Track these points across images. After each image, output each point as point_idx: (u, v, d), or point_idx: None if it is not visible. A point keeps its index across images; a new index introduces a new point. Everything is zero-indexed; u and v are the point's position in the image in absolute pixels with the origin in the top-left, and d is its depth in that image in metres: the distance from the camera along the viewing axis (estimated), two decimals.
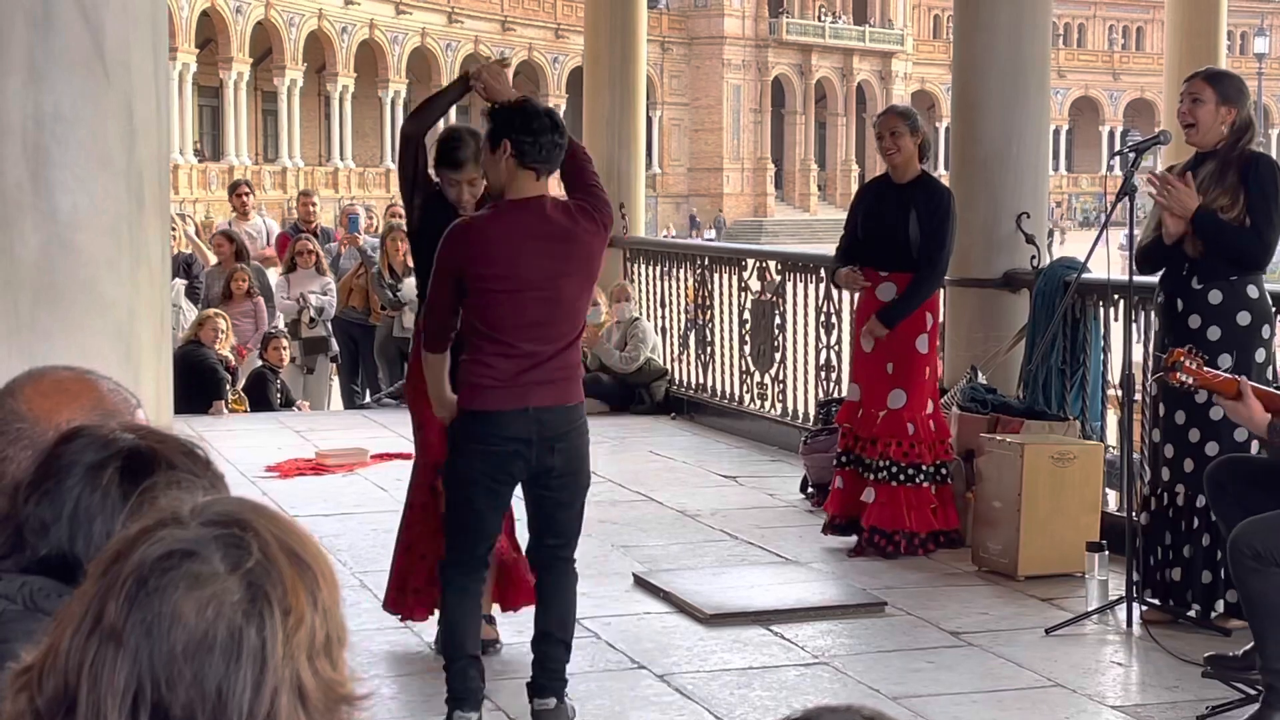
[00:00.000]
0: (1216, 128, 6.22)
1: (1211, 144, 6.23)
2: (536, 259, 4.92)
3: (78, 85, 4.00)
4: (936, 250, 7.42)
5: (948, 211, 7.47)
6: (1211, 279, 6.18)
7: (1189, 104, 6.25)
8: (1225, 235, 6.11)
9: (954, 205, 7.54)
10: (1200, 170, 6.21)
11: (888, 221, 7.49)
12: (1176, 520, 6.32)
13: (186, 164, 47.46)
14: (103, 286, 4.02)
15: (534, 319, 4.95)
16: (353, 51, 56.50)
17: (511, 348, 4.94)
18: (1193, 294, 6.21)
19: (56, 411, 2.18)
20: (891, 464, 7.45)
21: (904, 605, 6.66)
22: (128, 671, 1.36)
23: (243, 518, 1.44)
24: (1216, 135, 6.22)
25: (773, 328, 10.63)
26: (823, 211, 71.53)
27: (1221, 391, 5.28)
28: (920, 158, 7.57)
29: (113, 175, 4.04)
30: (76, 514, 1.93)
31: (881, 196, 7.63)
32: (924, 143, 7.60)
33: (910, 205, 7.44)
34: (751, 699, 5.52)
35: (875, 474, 7.48)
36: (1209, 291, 6.19)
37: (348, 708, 1.44)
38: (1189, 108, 6.25)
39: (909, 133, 7.55)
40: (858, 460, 7.60)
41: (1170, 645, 5.96)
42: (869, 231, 7.58)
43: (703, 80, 69.80)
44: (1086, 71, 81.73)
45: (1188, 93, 6.28)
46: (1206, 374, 5.30)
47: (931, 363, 7.63)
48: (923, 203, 7.44)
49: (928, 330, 7.53)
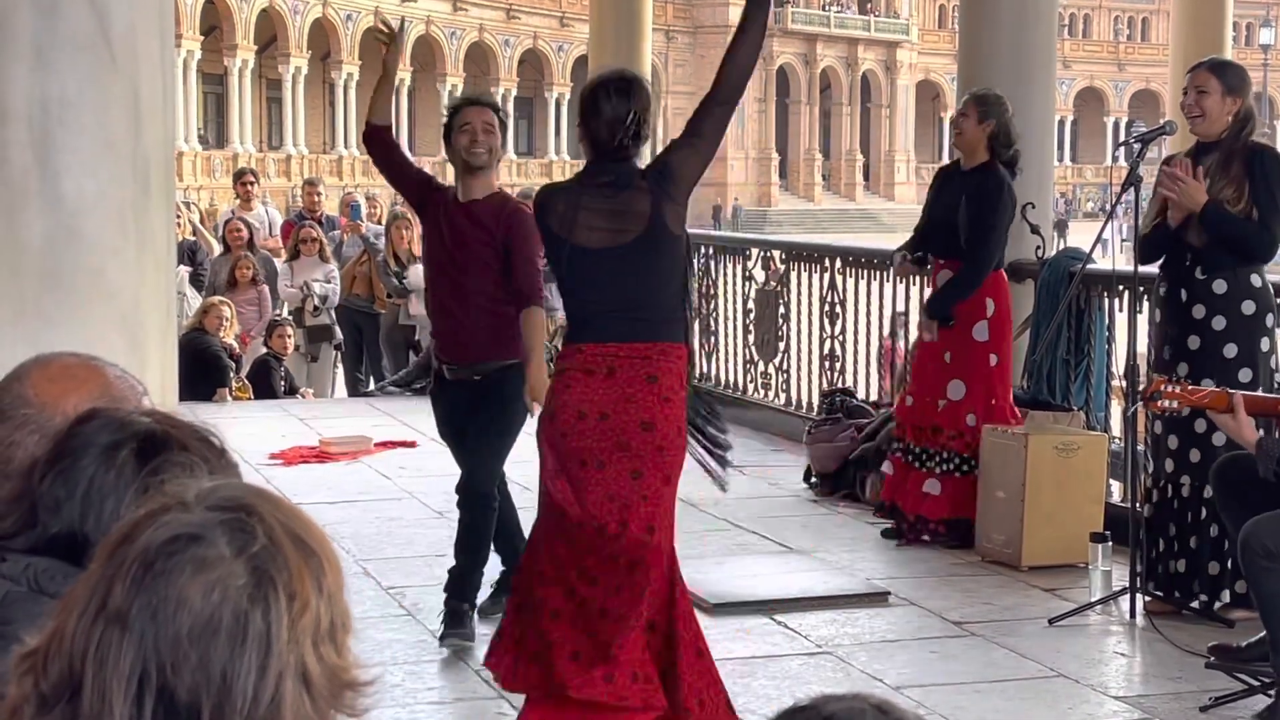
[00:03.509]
0: (1222, 118, 6.21)
1: (1216, 134, 6.22)
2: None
3: (84, 70, 4.00)
4: (980, 240, 7.28)
5: (996, 201, 7.29)
6: (1216, 269, 6.17)
7: (1195, 95, 6.24)
8: (1233, 229, 6.10)
9: (1007, 195, 7.34)
10: (1204, 160, 6.21)
11: (945, 207, 7.41)
12: (1182, 511, 6.31)
13: (191, 151, 47.46)
14: (108, 273, 4.02)
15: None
16: (357, 39, 56.45)
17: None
18: (1197, 284, 6.21)
19: (64, 397, 2.19)
20: (954, 455, 7.41)
21: (908, 595, 6.66)
22: (133, 655, 1.36)
23: (248, 503, 1.45)
24: (1221, 125, 6.22)
25: (777, 317, 10.62)
26: (827, 201, 71.47)
27: (1213, 407, 5.30)
28: (991, 147, 7.36)
29: (118, 160, 4.04)
30: (89, 492, 1.94)
31: (946, 182, 7.55)
32: (995, 131, 7.34)
33: (964, 193, 7.34)
34: (755, 688, 5.52)
35: (940, 465, 7.44)
36: (1213, 281, 6.18)
37: (352, 693, 1.45)
38: (1195, 99, 6.24)
39: (977, 118, 7.37)
40: (907, 449, 7.56)
41: (1173, 636, 5.96)
42: (931, 217, 7.53)
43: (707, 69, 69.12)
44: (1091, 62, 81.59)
45: (1193, 84, 6.27)
46: (1192, 394, 5.32)
47: (998, 350, 7.43)
48: (973, 191, 7.32)
49: (988, 318, 7.37)
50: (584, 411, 4.73)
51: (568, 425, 4.74)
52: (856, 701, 1.23)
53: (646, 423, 4.73)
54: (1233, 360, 6.15)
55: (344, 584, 1.47)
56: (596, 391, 4.73)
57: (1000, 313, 7.45)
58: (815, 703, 1.24)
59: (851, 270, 9.78)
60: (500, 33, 61.39)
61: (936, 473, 7.43)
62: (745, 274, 11.05)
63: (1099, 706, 5.42)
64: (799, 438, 9.28)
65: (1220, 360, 6.15)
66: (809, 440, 8.85)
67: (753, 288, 10.96)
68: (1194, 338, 6.21)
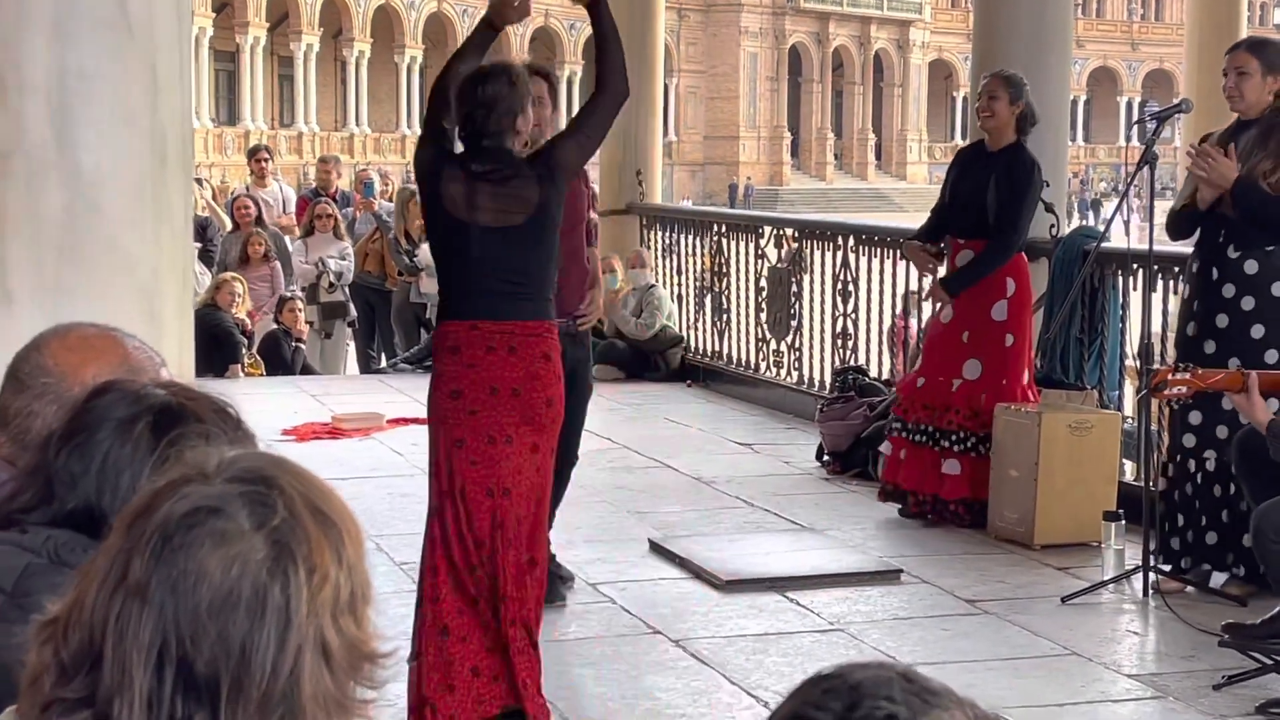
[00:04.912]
0: (1263, 97, 6.18)
1: (1258, 113, 6.19)
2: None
3: (102, 43, 4.00)
4: (1009, 221, 7.26)
5: (1028, 182, 7.28)
6: (1249, 248, 6.13)
7: (1235, 78, 6.20)
8: (1266, 207, 6.06)
9: (1038, 177, 7.33)
10: (1242, 137, 6.17)
11: (971, 188, 7.37)
12: (1208, 485, 6.29)
13: (202, 128, 47.49)
14: (126, 245, 4.03)
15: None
16: (369, 17, 56.42)
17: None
18: (1228, 262, 6.17)
19: (83, 367, 2.19)
20: (970, 434, 7.38)
21: (920, 573, 6.66)
22: (152, 627, 1.36)
23: (268, 474, 1.45)
24: (1263, 104, 6.19)
25: (789, 295, 10.62)
26: (839, 180, 71.37)
27: (1228, 388, 5.31)
28: (1019, 128, 7.34)
29: (136, 133, 4.04)
30: (105, 467, 1.93)
31: (971, 163, 7.51)
32: (1024, 113, 7.34)
33: (993, 174, 7.31)
34: (767, 665, 5.53)
35: (957, 445, 7.40)
36: (1245, 261, 6.14)
37: (371, 665, 1.44)
38: (1235, 82, 6.20)
39: (1008, 100, 7.34)
40: (913, 428, 7.52)
41: (1186, 614, 5.96)
42: (955, 197, 7.49)
43: (719, 48, 69.56)
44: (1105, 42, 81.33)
45: (1232, 66, 6.23)
46: (1205, 378, 5.32)
47: (1016, 330, 7.40)
48: (1004, 171, 7.29)
49: (1008, 297, 7.35)
50: (496, 388, 4.89)
51: (479, 402, 4.88)
52: (883, 670, 1.22)
53: (550, 399, 4.96)
54: (1259, 341, 6.12)
55: (364, 554, 1.47)
56: (505, 369, 4.90)
57: (1020, 293, 7.43)
58: (841, 670, 1.24)
59: (864, 249, 9.77)
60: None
61: (954, 452, 7.41)
62: (758, 252, 11.04)
63: (1112, 685, 5.42)
64: (811, 416, 9.28)
65: (1248, 341, 6.12)
66: (821, 418, 8.84)
67: (765, 266, 10.96)
68: (1222, 316, 6.18)
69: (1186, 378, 5.34)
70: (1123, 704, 5.28)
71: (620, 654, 5.68)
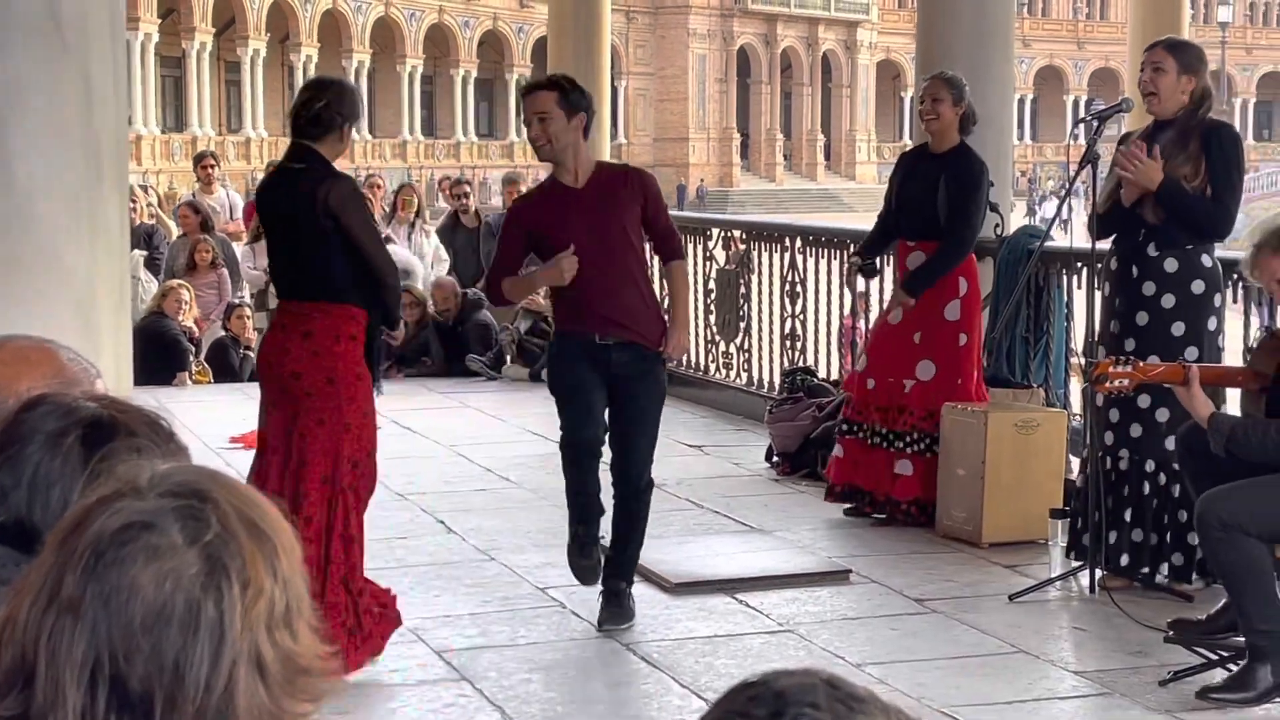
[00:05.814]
0: (1177, 96, 6.24)
1: (1172, 112, 6.25)
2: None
3: (35, 53, 3.97)
4: (961, 221, 7.30)
5: (977, 183, 7.33)
6: (1169, 247, 6.20)
7: (1150, 73, 6.27)
8: (1190, 206, 6.13)
9: (986, 177, 7.39)
10: (1159, 138, 6.23)
11: (918, 191, 7.40)
12: (1119, 485, 6.34)
13: (149, 135, 47.18)
14: (62, 256, 4.00)
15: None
16: (316, 21, 56.21)
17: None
18: (1149, 261, 6.24)
19: (16, 380, 2.17)
20: (925, 435, 7.40)
21: (868, 573, 6.68)
22: (86, 644, 1.36)
23: (201, 488, 1.44)
24: (1177, 104, 6.24)
25: (738, 297, 10.63)
26: (789, 181, 71.45)
27: (1169, 380, 5.35)
28: (962, 129, 7.40)
29: (70, 144, 4.02)
30: (36, 481, 1.92)
31: (916, 165, 7.54)
32: (967, 114, 7.40)
33: (941, 175, 7.34)
34: (717, 667, 5.53)
35: (910, 446, 7.41)
36: (1165, 259, 6.21)
37: (307, 679, 1.44)
38: (1150, 76, 6.26)
39: (952, 101, 7.38)
40: (869, 430, 7.52)
41: (1133, 611, 5.99)
42: (901, 201, 7.51)
43: (668, 50, 69.60)
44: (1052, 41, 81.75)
45: (1149, 62, 6.30)
46: (1147, 370, 5.35)
47: (968, 329, 7.44)
48: (952, 173, 7.32)
49: (960, 297, 7.39)
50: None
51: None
52: (808, 677, 1.23)
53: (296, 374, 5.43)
54: (1179, 338, 6.18)
55: (300, 568, 1.46)
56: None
57: (972, 292, 7.47)
58: (766, 678, 1.24)
59: (812, 250, 9.80)
60: (459, 15, 61.17)
61: (908, 453, 7.42)
62: (706, 254, 11.05)
63: (1059, 682, 5.45)
64: (760, 417, 9.30)
65: (1167, 338, 6.18)
66: (770, 420, 8.86)
67: (714, 268, 10.97)
68: (1142, 314, 6.24)
69: (1128, 370, 5.38)
70: (1070, 701, 5.31)
71: (570, 658, 5.68)
